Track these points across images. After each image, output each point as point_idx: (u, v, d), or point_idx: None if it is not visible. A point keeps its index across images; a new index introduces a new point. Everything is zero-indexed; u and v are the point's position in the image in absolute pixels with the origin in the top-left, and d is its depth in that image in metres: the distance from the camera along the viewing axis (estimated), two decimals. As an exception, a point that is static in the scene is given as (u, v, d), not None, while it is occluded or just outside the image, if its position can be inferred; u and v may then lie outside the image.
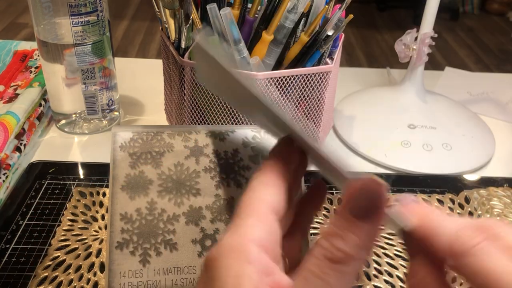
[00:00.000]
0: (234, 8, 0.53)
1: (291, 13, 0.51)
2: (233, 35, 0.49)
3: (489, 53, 2.63)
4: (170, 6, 0.53)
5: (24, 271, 0.45)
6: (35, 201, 0.53)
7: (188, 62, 0.53)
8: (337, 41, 0.58)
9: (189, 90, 0.55)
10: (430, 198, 0.56)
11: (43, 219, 0.51)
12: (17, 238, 0.49)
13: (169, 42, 0.56)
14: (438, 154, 0.64)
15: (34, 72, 0.70)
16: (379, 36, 2.75)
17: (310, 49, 0.52)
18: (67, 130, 0.66)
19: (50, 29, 0.59)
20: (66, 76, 0.62)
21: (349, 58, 2.46)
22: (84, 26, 0.58)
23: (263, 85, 0.51)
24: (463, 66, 2.41)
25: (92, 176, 0.57)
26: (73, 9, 0.57)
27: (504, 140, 0.70)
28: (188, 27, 0.53)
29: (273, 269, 0.23)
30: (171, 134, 0.40)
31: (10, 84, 0.68)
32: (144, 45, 2.50)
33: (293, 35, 0.53)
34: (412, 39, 0.67)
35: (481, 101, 0.80)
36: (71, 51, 0.59)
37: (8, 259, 0.47)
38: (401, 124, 0.67)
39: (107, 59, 0.63)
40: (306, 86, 0.54)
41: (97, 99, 0.63)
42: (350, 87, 0.79)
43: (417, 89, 0.70)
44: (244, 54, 0.50)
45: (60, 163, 0.60)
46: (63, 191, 0.55)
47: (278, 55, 0.53)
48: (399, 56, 0.68)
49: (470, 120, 0.71)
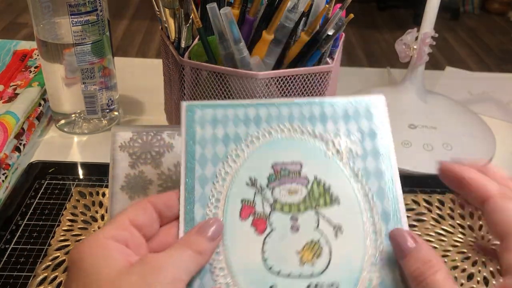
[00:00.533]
0: (234, 7, 0.53)
1: (292, 13, 0.50)
2: (233, 35, 0.49)
3: (490, 53, 2.63)
4: (170, 5, 0.52)
5: (24, 271, 0.45)
6: (34, 201, 0.53)
7: (188, 62, 0.53)
8: (338, 40, 0.57)
9: (189, 90, 0.55)
10: (431, 198, 0.56)
11: (42, 219, 0.51)
12: (16, 238, 0.49)
13: (169, 42, 0.56)
14: (439, 154, 0.64)
15: (33, 71, 0.70)
16: (379, 36, 2.75)
17: (311, 49, 0.52)
18: (66, 130, 0.66)
19: (49, 29, 0.59)
20: (65, 76, 0.61)
21: (349, 58, 2.46)
22: (84, 25, 0.58)
23: (263, 84, 0.51)
24: (464, 66, 2.41)
25: (91, 176, 0.57)
26: (72, 9, 0.57)
27: (505, 140, 0.70)
28: (188, 27, 0.53)
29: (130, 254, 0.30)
30: (171, 134, 0.40)
31: (10, 83, 0.68)
32: (144, 45, 2.50)
33: (293, 34, 0.52)
34: (412, 39, 0.67)
35: (482, 101, 0.80)
36: (70, 50, 0.59)
37: (8, 259, 0.46)
38: (402, 124, 0.67)
39: (106, 58, 0.62)
40: (306, 85, 0.54)
41: (96, 99, 0.63)
42: (350, 86, 0.79)
43: (418, 89, 0.69)
44: (244, 54, 0.50)
45: (60, 163, 0.59)
46: (62, 191, 0.55)
47: (278, 55, 0.53)
48: (399, 56, 0.68)
49: (470, 120, 0.71)
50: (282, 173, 0.34)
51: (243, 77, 0.51)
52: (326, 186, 0.34)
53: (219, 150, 0.35)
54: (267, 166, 0.35)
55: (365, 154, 0.35)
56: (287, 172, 0.35)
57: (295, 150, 0.35)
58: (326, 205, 0.34)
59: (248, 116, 0.36)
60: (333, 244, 0.33)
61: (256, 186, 0.34)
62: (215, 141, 0.35)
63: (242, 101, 0.37)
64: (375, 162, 0.35)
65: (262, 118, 0.36)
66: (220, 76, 0.52)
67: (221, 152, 0.35)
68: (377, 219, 0.34)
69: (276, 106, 0.36)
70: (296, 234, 0.33)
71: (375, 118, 0.37)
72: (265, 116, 0.36)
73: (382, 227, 0.33)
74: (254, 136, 0.35)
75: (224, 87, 0.52)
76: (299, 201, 0.34)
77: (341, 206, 0.34)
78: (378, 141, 0.36)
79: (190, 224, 0.33)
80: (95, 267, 0.29)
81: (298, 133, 0.36)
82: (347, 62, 2.37)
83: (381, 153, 0.35)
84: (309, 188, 0.34)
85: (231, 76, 0.51)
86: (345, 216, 0.34)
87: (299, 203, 0.34)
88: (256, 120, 0.36)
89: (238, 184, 0.34)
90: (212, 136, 0.35)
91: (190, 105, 0.36)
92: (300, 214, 0.34)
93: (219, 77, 0.52)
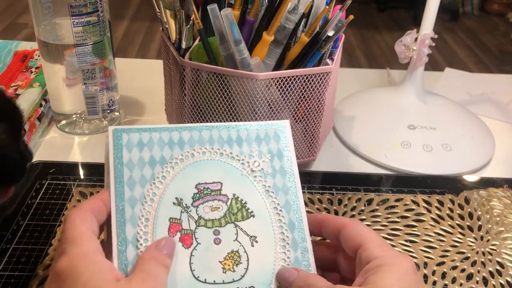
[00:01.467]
0: (234, 8, 0.53)
1: (292, 14, 0.51)
2: (233, 36, 0.49)
3: (489, 53, 2.63)
4: (170, 6, 0.53)
5: (25, 271, 0.46)
6: (35, 201, 0.53)
7: (189, 63, 0.53)
8: (338, 41, 0.58)
9: (190, 91, 0.55)
10: (430, 199, 0.56)
11: (43, 219, 0.51)
12: (17, 238, 0.49)
13: (169, 43, 0.57)
14: (438, 155, 0.64)
15: (34, 72, 0.70)
16: (379, 37, 2.75)
17: (311, 50, 0.52)
18: (67, 131, 0.66)
19: (50, 30, 0.59)
20: (66, 77, 0.62)
21: (349, 59, 2.46)
22: (85, 26, 0.58)
23: (263, 85, 0.51)
24: (463, 66, 2.41)
25: (92, 177, 0.57)
26: (73, 10, 0.57)
27: (504, 140, 0.70)
28: (189, 28, 0.53)
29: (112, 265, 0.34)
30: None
31: (11, 84, 0.68)
32: (144, 46, 2.50)
33: (293, 35, 0.53)
34: (412, 40, 0.67)
35: (481, 102, 0.80)
36: (71, 51, 0.59)
37: (9, 259, 0.47)
38: (401, 125, 0.67)
39: (107, 59, 0.63)
40: (306, 86, 0.54)
41: (97, 100, 0.64)
42: (350, 87, 0.79)
43: (417, 89, 0.70)
44: (244, 55, 0.51)
45: (61, 163, 0.60)
46: (63, 191, 0.55)
47: (278, 56, 0.53)
48: (399, 57, 0.68)
49: (470, 121, 0.71)
50: (205, 192, 0.38)
51: (244, 78, 0.51)
52: (243, 202, 0.39)
53: (146, 172, 0.38)
54: (192, 186, 0.38)
55: (274, 172, 0.40)
56: (209, 191, 0.39)
57: (216, 171, 0.39)
58: (243, 219, 0.38)
59: (172, 139, 0.39)
60: (249, 252, 0.37)
61: (182, 205, 0.38)
62: (142, 164, 0.38)
63: (166, 126, 0.40)
64: (282, 179, 0.40)
65: (185, 141, 0.40)
66: (221, 77, 0.52)
67: (148, 174, 0.38)
68: (285, 228, 0.39)
69: (198, 130, 0.40)
70: (219, 246, 0.37)
71: (282, 141, 0.42)
72: (188, 139, 0.40)
73: (289, 235, 0.38)
74: (178, 159, 0.39)
75: (225, 87, 0.52)
76: (220, 216, 0.38)
77: (255, 218, 0.38)
78: (284, 161, 0.41)
79: (122, 244, 0.35)
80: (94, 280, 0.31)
81: (218, 155, 0.40)
82: (347, 63, 2.37)
83: (287, 171, 0.41)
84: (228, 204, 0.39)
85: (231, 77, 0.51)
86: (259, 227, 0.38)
87: (220, 218, 0.38)
88: (179, 143, 0.39)
89: (165, 204, 0.37)
90: (139, 159, 0.38)
91: (117, 130, 0.39)
92: (221, 228, 0.38)
93: (220, 78, 0.52)
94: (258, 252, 0.37)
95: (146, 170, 0.38)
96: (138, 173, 0.38)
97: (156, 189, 0.38)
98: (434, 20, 0.66)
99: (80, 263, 0.32)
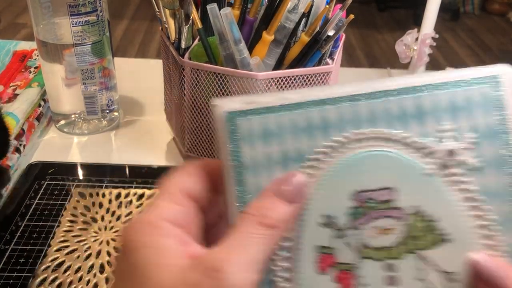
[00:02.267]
0: (234, 8, 0.53)
1: (292, 13, 0.50)
2: (233, 35, 0.49)
3: (490, 53, 2.63)
4: (170, 6, 0.52)
5: (24, 271, 0.45)
6: (34, 202, 0.53)
7: (188, 63, 0.53)
8: (338, 41, 0.57)
9: (189, 90, 0.55)
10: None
11: (42, 220, 0.51)
12: (16, 239, 0.49)
13: (169, 42, 0.56)
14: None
15: (33, 72, 0.70)
16: (379, 36, 2.75)
17: (311, 50, 0.52)
18: (66, 131, 0.66)
19: (49, 29, 0.59)
20: (65, 76, 0.61)
21: (349, 59, 2.46)
22: (84, 26, 0.58)
23: (263, 85, 0.51)
24: (464, 66, 2.40)
25: (91, 177, 0.57)
26: (72, 9, 0.57)
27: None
28: (188, 27, 0.53)
29: (188, 241, 0.25)
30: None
31: (9, 84, 0.68)
32: (144, 45, 2.50)
33: (293, 35, 0.52)
34: (412, 40, 0.67)
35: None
36: (70, 51, 0.59)
37: (8, 259, 0.46)
38: (402, 125, 0.67)
39: (106, 59, 0.62)
40: (306, 86, 0.53)
41: (96, 100, 0.63)
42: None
43: (418, 89, 0.69)
44: (244, 54, 0.50)
45: (60, 163, 0.59)
46: (62, 192, 0.55)
47: (278, 55, 0.53)
48: (399, 57, 0.68)
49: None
50: (368, 206, 0.25)
51: (243, 78, 0.51)
52: (430, 220, 0.25)
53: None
54: (346, 197, 0.25)
55: (482, 165, 0.25)
56: (374, 203, 0.25)
57: (383, 170, 0.25)
58: (431, 246, 0.25)
59: (311, 121, 0.26)
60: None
61: (333, 227, 0.26)
62: (270, 166, 0.26)
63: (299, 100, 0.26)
64: (497, 175, 0.25)
65: (330, 122, 0.26)
66: (220, 77, 0.52)
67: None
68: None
69: (349, 102, 0.25)
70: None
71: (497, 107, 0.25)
72: (335, 118, 0.26)
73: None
74: (323, 152, 0.26)
75: (224, 87, 0.52)
76: (394, 243, 0.25)
77: (451, 245, 0.25)
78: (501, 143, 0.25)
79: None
80: (147, 266, 0.24)
81: (385, 141, 0.25)
82: (347, 63, 2.37)
83: (506, 161, 0.25)
84: (407, 223, 0.25)
85: (231, 77, 0.51)
86: (457, 258, 0.25)
87: (395, 245, 0.25)
88: (323, 126, 0.26)
89: (308, 226, 0.25)
90: (265, 158, 0.26)
91: (232, 114, 0.26)
92: (397, 261, 0.25)
93: (219, 78, 0.52)
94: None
95: (275, 175, 0.26)
96: (266, 179, 0.26)
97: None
98: (435, 19, 0.66)
99: (138, 238, 0.24)
